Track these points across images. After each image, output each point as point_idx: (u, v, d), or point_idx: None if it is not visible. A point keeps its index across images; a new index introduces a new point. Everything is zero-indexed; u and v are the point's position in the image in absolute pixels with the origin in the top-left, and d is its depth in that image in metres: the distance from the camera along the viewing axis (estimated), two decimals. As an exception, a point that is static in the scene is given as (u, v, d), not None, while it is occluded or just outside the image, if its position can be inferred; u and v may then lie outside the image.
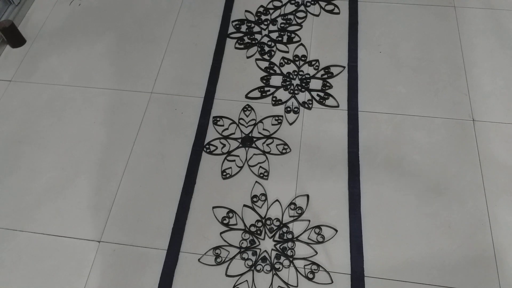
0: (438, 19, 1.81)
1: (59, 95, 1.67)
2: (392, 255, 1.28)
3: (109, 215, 1.38)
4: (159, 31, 1.84)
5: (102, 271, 1.28)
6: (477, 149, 1.46)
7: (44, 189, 1.44)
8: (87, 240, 1.34)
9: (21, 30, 1.85)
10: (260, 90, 1.64)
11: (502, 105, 1.56)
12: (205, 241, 1.32)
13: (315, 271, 1.25)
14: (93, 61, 1.76)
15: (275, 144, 1.50)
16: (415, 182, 1.40)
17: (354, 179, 1.41)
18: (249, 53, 1.75)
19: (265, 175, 1.43)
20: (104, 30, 1.86)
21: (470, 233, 1.30)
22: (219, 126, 1.56)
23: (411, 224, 1.32)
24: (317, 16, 1.86)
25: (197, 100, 1.63)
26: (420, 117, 1.54)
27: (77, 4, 1.97)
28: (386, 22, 1.81)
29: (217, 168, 1.46)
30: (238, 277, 1.25)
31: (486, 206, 1.35)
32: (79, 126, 1.58)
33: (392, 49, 1.73)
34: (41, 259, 1.31)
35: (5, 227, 1.37)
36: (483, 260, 1.26)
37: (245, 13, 1.89)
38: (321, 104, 1.59)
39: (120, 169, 1.47)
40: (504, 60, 1.67)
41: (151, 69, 1.72)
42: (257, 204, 1.38)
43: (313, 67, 1.69)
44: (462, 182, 1.40)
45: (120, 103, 1.63)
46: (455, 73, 1.64)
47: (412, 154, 1.46)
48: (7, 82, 1.72)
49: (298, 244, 1.30)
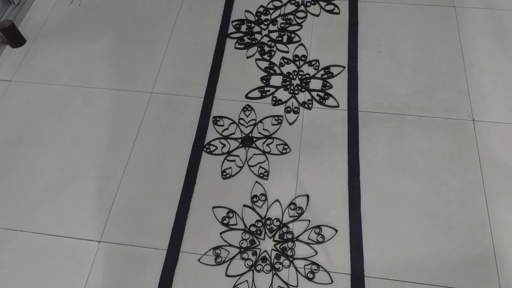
0: (438, 19, 1.81)
1: (59, 95, 1.67)
2: (392, 255, 1.28)
3: (109, 215, 1.38)
4: (159, 31, 1.84)
5: (102, 271, 1.28)
6: (477, 149, 1.46)
7: (44, 189, 1.44)
8: (87, 240, 1.34)
9: (21, 30, 1.85)
10: (260, 90, 1.64)
11: (502, 105, 1.56)
12: (205, 241, 1.32)
13: (315, 271, 1.25)
14: (93, 61, 1.76)
15: (275, 144, 1.50)
16: (415, 182, 1.40)
17: (354, 179, 1.41)
18: (249, 53, 1.75)
19: (265, 175, 1.43)
20: (104, 30, 1.86)
21: (470, 233, 1.30)
22: (219, 126, 1.56)
23: (411, 224, 1.33)
24: (317, 16, 1.86)
25: (197, 100, 1.63)
26: (420, 117, 1.54)
27: (77, 4, 1.97)
28: (386, 22, 1.81)
29: (217, 168, 1.46)
30: (238, 277, 1.25)
31: (486, 206, 1.35)
32: (79, 126, 1.58)
33: (392, 49, 1.73)
34: (41, 259, 1.31)
35: (5, 227, 1.37)
36: (483, 260, 1.26)
37: (245, 13, 1.89)
38: (321, 104, 1.59)
39: (120, 169, 1.47)
40: (504, 60, 1.67)
41: (151, 69, 1.72)
42: (257, 204, 1.38)
43: (313, 67, 1.69)
44: (462, 182, 1.40)
45: (120, 103, 1.63)
46: (455, 73, 1.64)
47: (412, 154, 1.46)
48: (7, 82, 1.72)
49: (298, 244, 1.30)
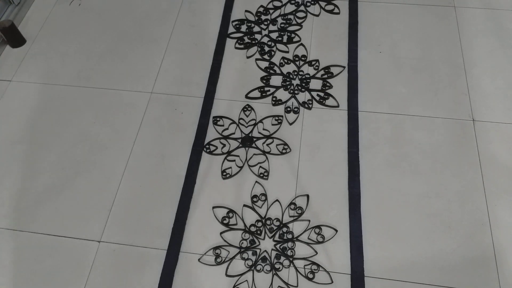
0: (438, 19, 1.81)
1: (59, 95, 1.67)
2: (392, 255, 1.28)
3: (109, 215, 1.38)
4: (159, 31, 1.84)
5: (102, 271, 1.28)
6: (477, 149, 1.46)
7: (44, 189, 1.44)
8: (87, 240, 1.34)
9: (21, 30, 1.85)
10: (260, 90, 1.64)
11: (502, 105, 1.56)
12: (205, 241, 1.32)
13: (315, 271, 1.25)
14: (93, 61, 1.76)
15: (275, 144, 1.50)
16: (415, 182, 1.40)
17: (354, 179, 1.41)
18: (249, 53, 1.75)
19: (265, 175, 1.43)
20: (104, 30, 1.86)
21: (470, 233, 1.30)
22: (219, 126, 1.56)
23: (411, 224, 1.33)
24: (317, 16, 1.86)
25: (197, 100, 1.63)
26: (420, 117, 1.54)
27: (77, 4, 1.97)
28: (386, 22, 1.81)
29: (217, 168, 1.46)
30: (238, 277, 1.25)
31: (486, 206, 1.35)
32: (79, 126, 1.58)
33: (392, 49, 1.73)
34: (41, 259, 1.31)
35: (5, 227, 1.37)
36: (483, 260, 1.26)
37: (245, 13, 1.89)
38: (321, 104, 1.59)
39: (120, 169, 1.47)
40: (504, 60, 1.67)
41: (151, 69, 1.72)
42: (257, 204, 1.38)
43: (313, 67, 1.69)
44: (462, 182, 1.40)
45: (120, 103, 1.63)
46: (455, 73, 1.64)
47: (412, 154, 1.46)
48: (7, 82, 1.72)
49: (298, 244, 1.30)
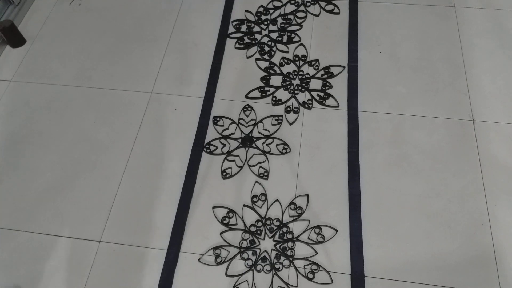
0: (438, 19, 1.81)
1: (59, 95, 1.67)
2: (392, 255, 1.28)
3: (109, 215, 1.38)
4: (159, 31, 1.84)
5: (102, 271, 1.28)
6: (477, 149, 1.46)
7: (44, 189, 1.44)
8: (87, 240, 1.34)
9: (21, 30, 1.85)
10: (260, 90, 1.64)
11: (502, 105, 1.56)
12: (205, 241, 1.32)
13: (315, 271, 1.25)
14: (93, 61, 1.76)
15: (275, 144, 1.50)
16: (415, 182, 1.40)
17: (354, 179, 1.41)
18: (249, 53, 1.75)
19: (265, 175, 1.43)
20: (104, 30, 1.86)
21: (470, 233, 1.30)
22: (219, 126, 1.56)
23: (411, 224, 1.33)
24: (317, 16, 1.86)
25: (197, 100, 1.63)
26: (420, 117, 1.54)
27: (77, 4, 1.97)
28: (386, 22, 1.81)
29: (217, 168, 1.46)
30: (238, 277, 1.25)
31: (486, 206, 1.35)
32: (79, 126, 1.58)
33: (392, 49, 1.73)
34: (41, 259, 1.31)
35: (5, 227, 1.37)
36: (483, 260, 1.26)
37: (245, 13, 1.89)
38: (321, 104, 1.59)
39: (120, 169, 1.47)
40: (504, 60, 1.67)
41: (151, 69, 1.72)
42: (257, 204, 1.38)
43: (313, 67, 1.69)
44: (462, 182, 1.40)
45: (120, 103, 1.63)
46: (455, 73, 1.64)
47: (412, 154, 1.46)
48: (7, 82, 1.72)
49: (298, 244, 1.30)
